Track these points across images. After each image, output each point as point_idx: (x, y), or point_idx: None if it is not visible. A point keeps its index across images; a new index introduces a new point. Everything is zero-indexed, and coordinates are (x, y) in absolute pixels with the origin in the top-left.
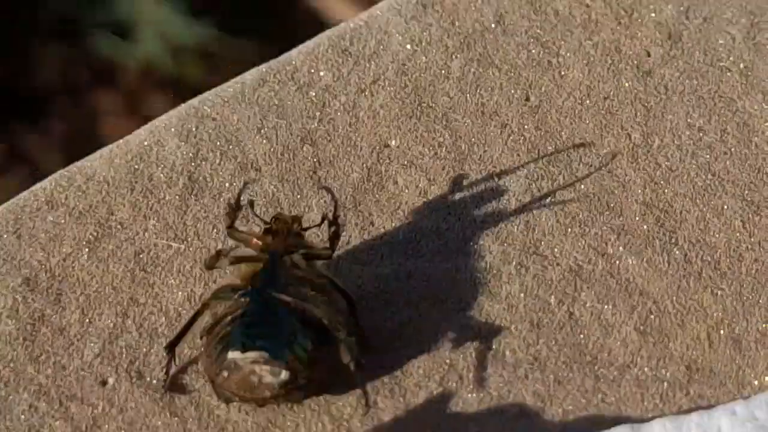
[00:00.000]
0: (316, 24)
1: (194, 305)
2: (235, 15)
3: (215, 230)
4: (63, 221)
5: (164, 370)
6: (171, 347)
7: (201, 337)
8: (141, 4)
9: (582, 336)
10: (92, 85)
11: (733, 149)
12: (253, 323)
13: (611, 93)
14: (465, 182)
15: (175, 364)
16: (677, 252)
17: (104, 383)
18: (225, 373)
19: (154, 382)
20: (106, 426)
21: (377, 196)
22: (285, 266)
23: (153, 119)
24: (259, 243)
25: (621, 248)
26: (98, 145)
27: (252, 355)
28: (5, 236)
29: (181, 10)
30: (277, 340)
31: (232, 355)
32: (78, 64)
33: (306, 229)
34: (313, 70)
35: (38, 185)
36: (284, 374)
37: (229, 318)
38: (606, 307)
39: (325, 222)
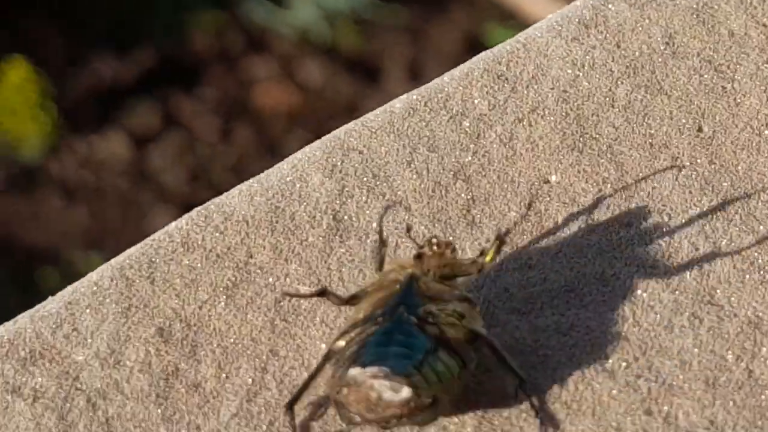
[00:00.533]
0: None
1: None
2: None
3: (361, 274)
4: (199, 265)
5: (291, 430)
6: (290, 406)
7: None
8: None
9: (764, 397)
10: (246, 53)
11: None
12: (381, 342)
13: None
14: (632, 222)
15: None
16: None
17: None
18: (345, 390)
19: None
20: None
21: (536, 236)
22: (422, 287)
23: (306, 87)
24: (411, 263)
25: None
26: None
27: (372, 370)
28: (138, 281)
29: None
30: (405, 357)
31: (353, 371)
32: (233, 31)
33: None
34: (466, 98)
35: (173, 225)
36: (405, 391)
37: (358, 338)
38: None
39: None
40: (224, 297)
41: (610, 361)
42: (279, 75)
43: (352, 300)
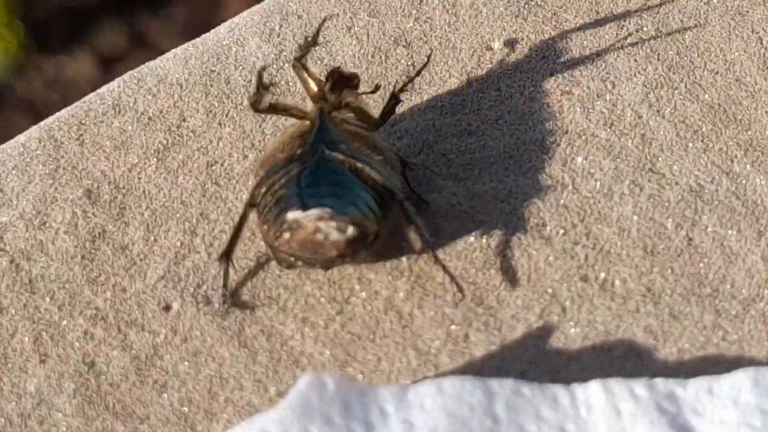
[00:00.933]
0: None
1: None
2: None
3: None
4: (130, 128)
5: (222, 284)
6: (226, 257)
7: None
8: None
9: (702, 265)
10: None
11: None
12: (310, 182)
13: None
14: (574, 90)
15: (234, 275)
16: None
17: (168, 308)
18: (287, 235)
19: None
20: (168, 356)
21: (476, 103)
22: (335, 123)
23: None
24: (314, 89)
25: (748, 166)
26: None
27: (315, 212)
28: (66, 143)
29: None
30: (340, 196)
31: (293, 214)
32: None
33: (360, 93)
34: None
35: (105, 87)
36: (351, 230)
37: (284, 180)
38: (730, 232)
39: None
40: (155, 160)
41: (548, 228)
42: None
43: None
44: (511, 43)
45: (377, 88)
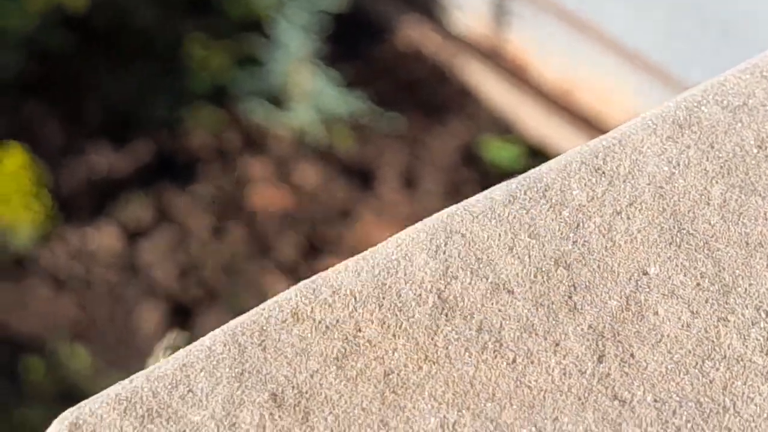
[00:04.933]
0: (467, 98)
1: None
2: (386, 88)
3: (467, 353)
4: (309, 335)
5: None
6: None
7: None
8: (295, 74)
9: None
10: (243, 152)
11: None
12: None
13: None
14: (730, 317)
15: None
16: None
17: None
18: None
19: None
20: None
21: (637, 327)
22: None
23: (301, 189)
24: None
25: None
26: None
27: None
28: (250, 348)
29: (334, 82)
30: None
31: None
32: (231, 129)
33: None
34: (565, 189)
35: (282, 295)
36: None
37: None
38: None
39: None
40: (334, 367)
41: None
42: (274, 175)
43: None
44: (666, 270)
45: None
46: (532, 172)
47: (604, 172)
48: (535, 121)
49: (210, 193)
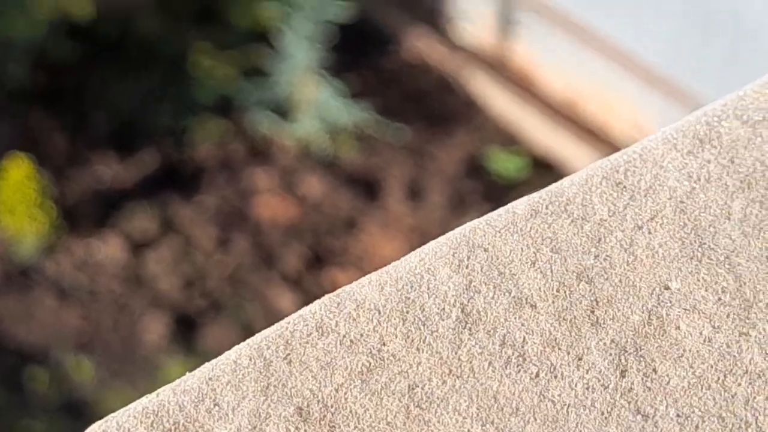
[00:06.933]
0: (473, 109)
1: None
2: (392, 99)
3: (491, 368)
4: (334, 349)
5: None
6: None
7: None
8: (301, 84)
9: None
10: (248, 162)
11: None
12: None
13: None
14: (751, 331)
15: None
16: None
17: None
18: None
19: None
20: None
21: (659, 341)
22: None
23: (306, 200)
24: None
25: None
26: (249, 222)
27: None
28: (275, 362)
29: (340, 93)
30: None
31: None
32: (236, 140)
33: None
34: (586, 203)
35: (307, 309)
36: None
37: None
38: None
39: None
40: (359, 381)
41: None
42: (279, 186)
43: None
44: (687, 285)
45: None
46: (554, 187)
47: (625, 187)
48: (540, 132)
49: (215, 203)
